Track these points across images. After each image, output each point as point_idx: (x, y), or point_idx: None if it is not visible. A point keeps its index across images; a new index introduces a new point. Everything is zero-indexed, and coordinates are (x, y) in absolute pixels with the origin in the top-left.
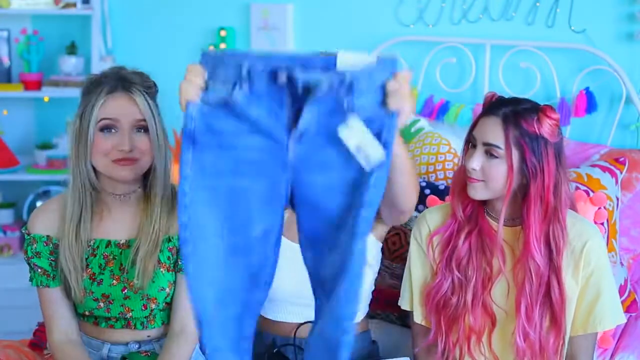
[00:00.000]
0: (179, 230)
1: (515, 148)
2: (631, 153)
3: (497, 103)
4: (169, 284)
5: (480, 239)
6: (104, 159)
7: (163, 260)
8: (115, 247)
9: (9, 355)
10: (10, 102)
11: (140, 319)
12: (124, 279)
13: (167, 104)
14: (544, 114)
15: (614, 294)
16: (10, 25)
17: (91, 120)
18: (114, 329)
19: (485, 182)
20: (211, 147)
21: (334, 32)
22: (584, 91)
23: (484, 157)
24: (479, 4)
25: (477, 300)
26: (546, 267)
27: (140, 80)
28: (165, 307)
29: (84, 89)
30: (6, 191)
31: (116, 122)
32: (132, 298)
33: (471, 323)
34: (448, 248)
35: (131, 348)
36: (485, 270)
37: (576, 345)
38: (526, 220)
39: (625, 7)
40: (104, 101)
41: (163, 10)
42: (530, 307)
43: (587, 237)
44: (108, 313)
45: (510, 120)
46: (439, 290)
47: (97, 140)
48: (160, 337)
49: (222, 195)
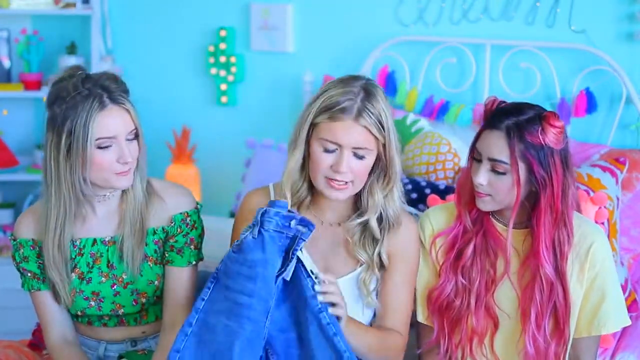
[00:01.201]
0: (170, 353)
1: (522, 162)
2: (631, 153)
3: (499, 114)
4: (157, 277)
5: (484, 240)
6: (104, 173)
7: (150, 253)
8: (101, 244)
9: (8, 355)
10: (10, 102)
11: (133, 315)
12: (112, 275)
13: (167, 104)
14: (547, 123)
15: (619, 296)
16: (10, 25)
17: (88, 139)
18: (108, 327)
19: (493, 196)
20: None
21: (334, 32)
22: (584, 91)
23: (490, 172)
24: (479, 4)
25: (480, 303)
26: (553, 274)
27: (119, 86)
28: (157, 300)
29: (58, 101)
30: (6, 191)
31: (114, 138)
32: (122, 294)
33: (474, 325)
34: (452, 250)
35: (127, 346)
36: (489, 273)
37: (580, 347)
38: (536, 230)
39: (625, 7)
40: (98, 118)
41: (163, 10)
42: (540, 316)
43: (592, 239)
44: (100, 311)
45: (514, 133)
46: (442, 293)
47: (97, 157)
48: (155, 334)
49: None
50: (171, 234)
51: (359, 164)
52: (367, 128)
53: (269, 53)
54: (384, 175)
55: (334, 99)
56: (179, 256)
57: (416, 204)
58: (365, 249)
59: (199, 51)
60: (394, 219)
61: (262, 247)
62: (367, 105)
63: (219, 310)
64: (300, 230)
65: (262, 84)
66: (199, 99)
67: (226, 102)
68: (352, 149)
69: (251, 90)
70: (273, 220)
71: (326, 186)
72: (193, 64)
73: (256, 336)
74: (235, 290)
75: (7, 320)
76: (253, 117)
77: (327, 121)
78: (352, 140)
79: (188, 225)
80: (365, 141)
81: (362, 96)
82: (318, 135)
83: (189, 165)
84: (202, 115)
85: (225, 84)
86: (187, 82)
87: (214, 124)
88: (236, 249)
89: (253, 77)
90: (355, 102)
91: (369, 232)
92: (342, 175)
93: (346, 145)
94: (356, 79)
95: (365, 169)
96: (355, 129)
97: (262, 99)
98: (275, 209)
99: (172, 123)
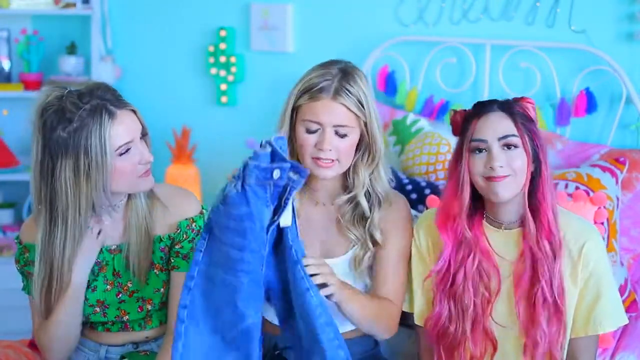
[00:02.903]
0: (179, 310)
1: (525, 133)
2: (631, 153)
3: (481, 104)
4: (163, 284)
5: (475, 261)
6: (129, 179)
7: (156, 261)
8: (107, 252)
9: (8, 355)
10: (10, 102)
11: (137, 321)
12: (118, 284)
13: (167, 104)
14: (524, 102)
15: (615, 295)
16: (10, 25)
17: (107, 152)
18: (111, 332)
19: (513, 175)
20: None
21: (334, 32)
22: (584, 91)
23: (503, 151)
24: (479, 4)
25: (477, 325)
26: (549, 251)
27: (113, 92)
28: (162, 306)
29: (65, 122)
30: (6, 191)
31: (131, 142)
32: (127, 302)
33: (472, 350)
34: (442, 280)
35: (128, 348)
36: (484, 295)
37: (578, 347)
38: (542, 204)
39: (625, 7)
40: (112, 129)
41: (163, 10)
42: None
43: (585, 238)
44: (105, 317)
45: (512, 109)
46: (438, 321)
47: (119, 165)
48: (158, 336)
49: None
50: (177, 240)
51: (341, 142)
52: (346, 106)
53: (269, 53)
54: (367, 153)
55: (312, 80)
56: (185, 262)
57: (416, 204)
58: (356, 227)
59: (199, 51)
60: (383, 196)
61: (247, 201)
62: (344, 84)
63: (216, 262)
64: (292, 178)
65: (262, 84)
66: (199, 99)
67: (226, 102)
68: (334, 127)
69: (251, 90)
70: (253, 173)
71: (314, 165)
72: (193, 64)
73: (255, 285)
74: (226, 244)
75: (7, 320)
76: (253, 117)
77: (308, 102)
78: (333, 118)
79: (194, 231)
80: (345, 119)
81: (340, 77)
82: (301, 117)
83: (189, 165)
84: (202, 115)
85: (225, 84)
86: (187, 82)
87: (214, 124)
88: (222, 202)
89: (253, 77)
90: (332, 82)
91: (359, 211)
92: (327, 153)
93: (327, 123)
94: (335, 63)
95: (349, 147)
96: (335, 107)
97: (262, 99)
98: (255, 162)
99: (172, 123)
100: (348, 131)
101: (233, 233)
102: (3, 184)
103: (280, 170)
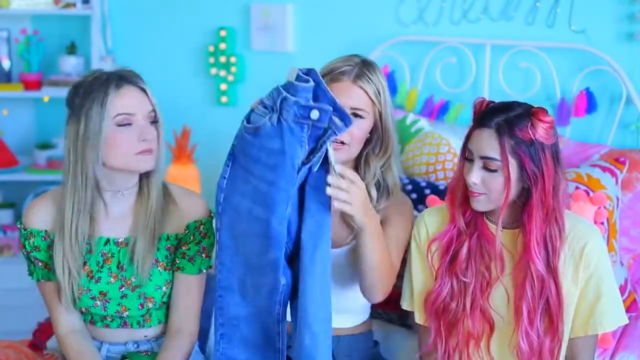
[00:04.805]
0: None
1: (513, 158)
2: (631, 153)
3: (489, 112)
4: (165, 283)
5: (479, 242)
6: (125, 153)
7: (160, 258)
8: (114, 245)
9: (8, 355)
10: (10, 102)
11: (137, 318)
12: (122, 277)
13: (166, 104)
14: (536, 119)
15: (616, 295)
16: (10, 25)
17: (104, 117)
18: (110, 328)
19: (487, 194)
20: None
21: (334, 32)
22: (584, 91)
23: (482, 170)
24: (479, 4)
25: (476, 305)
26: (544, 270)
27: (137, 75)
28: (162, 305)
29: (77, 92)
30: (6, 191)
31: (132, 115)
32: (129, 297)
33: (470, 328)
34: (447, 254)
35: (129, 348)
36: (484, 275)
37: (577, 347)
38: (527, 225)
39: (625, 7)
40: (115, 96)
41: (163, 10)
42: (532, 311)
43: (586, 239)
44: (105, 311)
45: (505, 130)
46: (439, 296)
47: (116, 136)
48: (158, 336)
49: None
50: (184, 242)
51: (355, 126)
52: (365, 90)
53: (269, 53)
54: (380, 145)
55: (335, 65)
56: (190, 264)
57: (416, 204)
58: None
59: (199, 51)
60: (392, 188)
61: (281, 137)
62: (365, 71)
63: (242, 192)
64: (335, 123)
65: (262, 84)
66: (198, 99)
67: (226, 102)
68: (351, 110)
69: (251, 90)
70: (292, 110)
71: None
72: (193, 64)
73: (279, 222)
74: (255, 176)
75: (7, 320)
76: None
77: (329, 84)
78: (350, 100)
79: (201, 234)
80: (362, 102)
81: (361, 65)
82: None
83: (189, 165)
84: (202, 115)
85: (225, 84)
86: (187, 82)
87: (214, 124)
88: (252, 131)
89: (253, 77)
90: (354, 67)
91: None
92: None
93: (344, 105)
94: (356, 55)
95: (361, 132)
96: (354, 90)
97: None
98: (294, 98)
99: (172, 123)
100: (363, 114)
101: (263, 167)
102: (3, 184)
103: (319, 111)
